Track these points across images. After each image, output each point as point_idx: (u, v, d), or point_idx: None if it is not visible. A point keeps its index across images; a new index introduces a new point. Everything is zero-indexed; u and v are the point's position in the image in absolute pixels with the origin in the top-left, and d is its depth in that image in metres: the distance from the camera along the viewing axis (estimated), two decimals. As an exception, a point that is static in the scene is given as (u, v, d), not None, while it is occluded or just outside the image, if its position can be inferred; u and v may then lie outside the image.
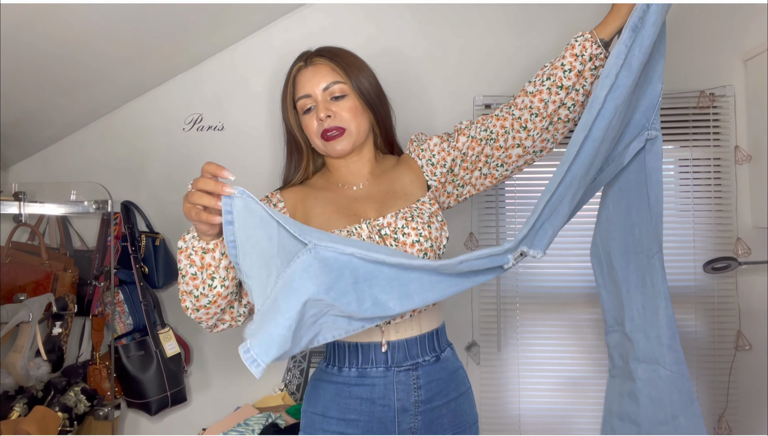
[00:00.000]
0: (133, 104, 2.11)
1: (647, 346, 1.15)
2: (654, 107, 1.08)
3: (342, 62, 1.24)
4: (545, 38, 2.01)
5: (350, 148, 1.23)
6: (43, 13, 1.36)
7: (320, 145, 1.24)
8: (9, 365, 1.68)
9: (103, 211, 1.96)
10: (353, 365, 1.20)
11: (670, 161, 2.03)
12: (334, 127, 1.21)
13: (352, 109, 1.23)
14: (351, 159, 1.28)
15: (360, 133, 1.24)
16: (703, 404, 1.97)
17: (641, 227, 1.14)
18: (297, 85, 1.25)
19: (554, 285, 2.02)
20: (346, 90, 1.23)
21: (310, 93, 1.23)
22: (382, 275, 0.99)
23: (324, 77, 1.22)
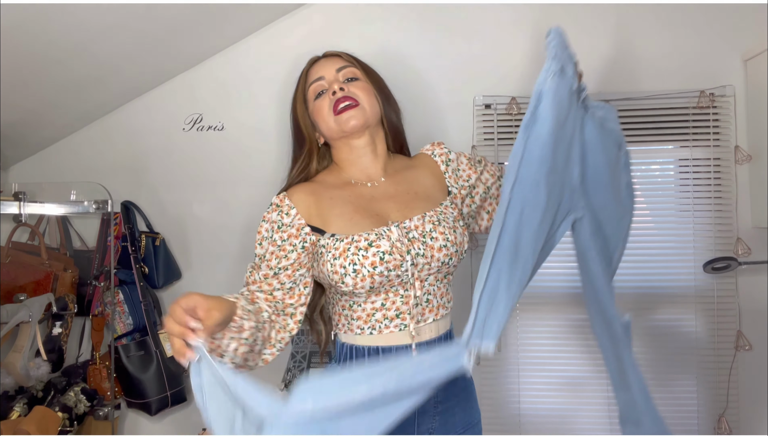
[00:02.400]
0: (133, 104, 2.11)
1: (627, 408, 1.17)
2: (575, 190, 1.08)
3: (354, 58, 1.31)
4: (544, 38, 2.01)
5: (363, 123, 1.21)
6: (43, 13, 1.36)
7: (332, 122, 1.22)
8: (9, 365, 1.68)
9: (103, 211, 1.96)
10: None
11: (670, 161, 2.03)
12: (347, 98, 1.21)
13: (364, 88, 1.24)
14: (363, 151, 1.25)
15: (373, 112, 1.23)
16: (703, 404, 1.97)
17: (590, 303, 1.16)
18: (310, 74, 1.29)
19: (554, 285, 2.01)
20: (358, 74, 1.26)
21: (323, 75, 1.25)
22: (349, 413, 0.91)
23: (337, 62, 1.27)
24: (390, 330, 1.18)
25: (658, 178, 2.06)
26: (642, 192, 2.03)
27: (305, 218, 1.19)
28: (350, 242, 1.15)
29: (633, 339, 1.99)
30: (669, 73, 1.98)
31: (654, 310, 1.99)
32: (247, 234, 2.08)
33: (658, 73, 1.98)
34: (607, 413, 1.99)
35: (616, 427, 1.99)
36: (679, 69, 1.97)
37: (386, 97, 1.30)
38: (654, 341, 1.98)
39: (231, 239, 2.08)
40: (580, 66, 1.14)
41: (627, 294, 1.99)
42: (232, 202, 2.09)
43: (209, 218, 2.09)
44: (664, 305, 1.99)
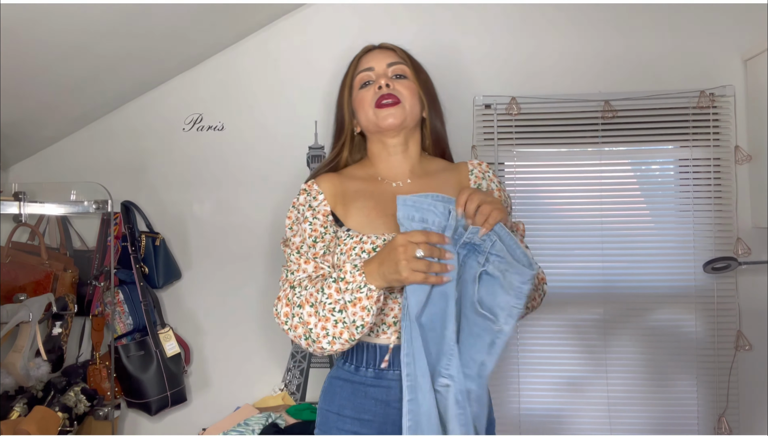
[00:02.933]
0: (133, 104, 2.11)
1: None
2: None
3: (408, 55, 1.29)
4: (545, 38, 2.01)
5: (400, 122, 1.20)
6: (43, 14, 1.36)
7: (371, 114, 1.21)
8: (9, 365, 1.68)
9: (103, 211, 1.96)
10: (370, 365, 1.19)
11: (670, 161, 2.03)
12: (391, 95, 1.20)
13: (410, 88, 1.23)
14: (395, 149, 1.25)
15: (413, 114, 1.23)
16: (703, 404, 1.97)
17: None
18: (361, 61, 1.27)
19: (554, 285, 2.01)
20: (408, 73, 1.24)
21: (373, 66, 1.24)
22: None
23: (391, 57, 1.25)
24: (387, 336, 1.18)
25: (658, 178, 2.06)
26: (642, 192, 2.03)
27: (331, 205, 1.20)
28: (358, 242, 1.15)
29: (633, 339, 2.01)
30: (669, 73, 1.98)
31: (654, 310, 1.99)
32: (247, 234, 2.08)
33: (658, 73, 1.98)
34: (607, 413, 1.99)
35: (616, 427, 1.99)
36: (679, 69, 1.97)
37: (432, 100, 1.29)
38: (654, 341, 1.98)
39: (231, 239, 2.08)
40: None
41: (627, 294, 1.99)
42: (231, 202, 2.09)
43: (209, 218, 2.09)
44: (664, 305, 1.99)
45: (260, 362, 2.07)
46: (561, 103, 1.98)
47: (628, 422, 1.99)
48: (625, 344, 2.00)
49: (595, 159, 2.00)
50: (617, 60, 1.99)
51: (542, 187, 2.04)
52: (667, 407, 1.98)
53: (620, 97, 1.96)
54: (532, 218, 2.03)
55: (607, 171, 2.01)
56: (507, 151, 2.03)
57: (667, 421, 1.98)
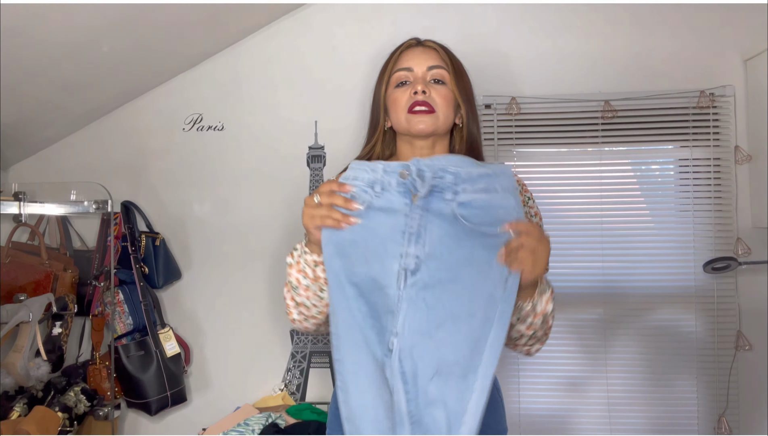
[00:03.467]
0: (133, 104, 2.11)
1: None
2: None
3: (451, 56, 1.25)
4: (545, 38, 2.01)
5: (431, 130, 1.18)
6: (43, 14, 1.36)
7: (403, 119, 1.19)
8: (9, 365, 1.68)
9: (103, 211, 1.96)
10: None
11: (670, 161, 2.03)
12: (425, 103, 1.17)
13: (447, 96, 1.20)
14: (423, 152, 1.22)
15: (445, 123, 1.20)
16: (703, 404, 1.97)
17: None
18: (401, 58, 1.24)
19: (554, 285, 2.01)
20: (447, 78, 1.21)
21: (412, 67, 1.21)
22: None
23: (432, 58, 1.22)
24: None
25: (658, 178, 2.06)
26: (642, 192, 2.03)
27: None
28: None
29: (633, 339, 2.00)
30: (669, 73, 1.98)
31: (654, 310, 1.99)
32: (248, 234, 2.08)
33: (658, 73, 1.98)
34: (607, 413, 1.99)
35: (616, 427, 1.99)
36: (679, 69, 1.97)
37: (470, 105, 1.25)
38: (654, 341, 1.98)
39: (231, 239, 2.08)
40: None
41: (627, 294, 1.99)
42: (232, 202, 2.09)
43: (209, 218, 2.09)
44: (664, 305, 1.99)
45: (260, 362, 2.07)
46: (561, 103, 1.98)
47: (628, 422, 1.99)
48: (625, 344, 2.00)
49: (595, 159, 2.00)
50: (617, 60, 1.99)
51: (542, 187, 2.04)
52: (667, 407, 1.98)
53: (620, 97, 1.96)
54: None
55: (607, 171, 2.00)
56: (507, 151, 2.03)
57: (667, 421, 1.98)
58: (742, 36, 1.95)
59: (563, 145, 2.03)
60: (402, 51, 1.25)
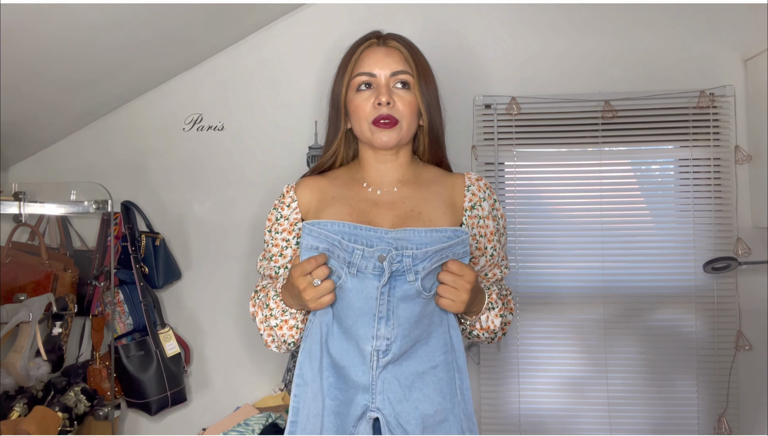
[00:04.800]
0: (133, 104, 2.11)
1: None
2: None
3: (416, 56, 1.18)
4: (545, 38, 2.01)
5: (395, 143, 1.14)
6: (43, 14, 1.36)
7: (366, 129, 1.15)
8: (9, 365, 1.68)
9: (103, 211, 1.96)
10: None
11: (670, 161, 2.03)
12: (388, 117, 1.13)
13: (411, 104, 1.15)
14: (385, 158, 1.18)
15: (408, 132, 1.16)
16: (703, 404, 1.97)
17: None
18: (362, 60, 1.17)
19: (554, 285, 2.02)
20: (412, 83, 1.16)
21: (375, 73, 1.15)
22: None
23: (396, 62, 1.16)
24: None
25: (658, 178, 2.06)
26: (642, 192, 2.03)
27: (303, 213, 1.18)
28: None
29: (633, 339, 2.00)
30: (669, 73, 1.98)
31: (654, 310, 1.99)
32: (248, 234, 2.08)
33: (658, 73, 1.98)
34: (607, 413, 1.99)
35: (616, 427, 1.99)
36: (679, 69, 1.97)
37: (434, 108, 1.20)
38: (654, 341, 1.98)
39: (231, 239, 2.08)
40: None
41: (627, 294, 1.99)
42: (231, 202, 2.09)
43: (209, 218, 2.09)
44: (664, 305, 1.99)
45: (260, 362, 2.07)
46: (561, 103, 1.98)
47: (628, 422, 1.99)
48: (625, 344, 2.00)
49: (595, 159, 2.00)
50: (617, 60, 1.99)
51: (542, 188, 2.04)
52: (667, 407, 1.98)
53: (620, 97, 1.96)
54: (532, 218, 2.03)
55: (607, 171, 2.01)
56: (507, 151, 2.03)
57: (667, 421, 1.98)
58: (742, 36, 1.95)
59: (563, 145, 2.03)
60: (363, 50, 1.18)
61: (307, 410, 1.04)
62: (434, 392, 1.02)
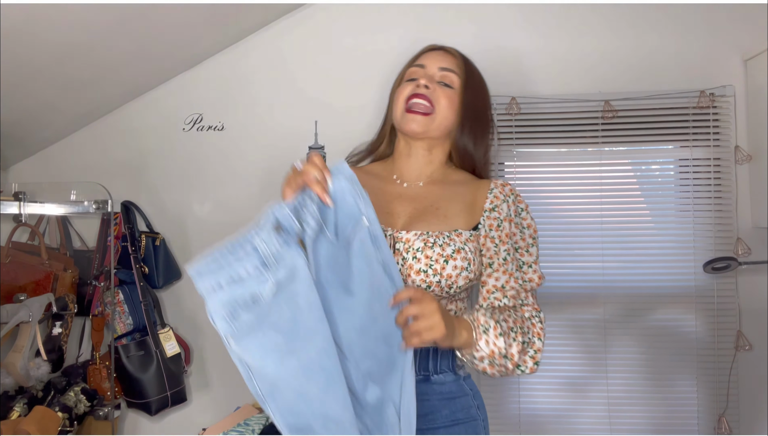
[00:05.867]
0: (133, 104, 2.11)
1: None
2: None
3: (470, 67, 1.23)
4: (544, 38, 2.01)
5: (422, 131, 1.15)
6: (43, 14, 1.36)
7: (399, 114, 1.17)
8: (9, 365, 1.68)
9: (103, 211, 1.96)
10: None
11: (670, 161, 2.03)
12: (425, 97, 1.14)
13: (451, 99, 1.17)
14: (417, 152, 1.20)
15: (441, 126, 1.17)
16: (703, 404, 1.97)
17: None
18: (420, 57, 1.23)
19: (554, 285, 2.01)
20: (457, 85, 1.19)
21: (425, 65, 1.20)
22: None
23: (447, 61, 1.21)
24: None
25: (658, 178, 2.06)
26: (642, 192, 2.03)
27: None
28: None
29: (633, 339, 2.00)
30: (669, 73, 1.98)
31: (654, 310, 1.99)
32: (247, 234, 2.08)
33: (658, 73, 1.98)
34: (607, 413, 1.99)
35: (616, 427, 1.99)
36: (679, 69, 1.97)
37: (468, 119, 1.20)
38: (654, 341, 1.98)
39: (231, 239, 2.08)
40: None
41: (627, 294, 1.99)
42: (232, 202, 2.09)
43: (209, 218, 2.09)
44: (664, 305, 1.99)
45: (260, 362, 2.07)
46: (561, 103, 1.98)
47: (628, 422, 1.99)
48: (625, 344, 2.00)
49: (595, 159, 2.00)
50: (617, 60, 1.99)
51: (542, 187, 2.04)
52: (667, 407, 1.98)
53: (620, 97, 1.96)
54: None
55: (607, 171, 2.01)
56: (507, 151, 2.03)
57: (667, 421, 1.98)
58: (742, 36, 1.95)
59: (563, 145, 2.03)
60: (423, 52, 1.25)
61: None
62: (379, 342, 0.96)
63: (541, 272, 1.17)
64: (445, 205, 1.16)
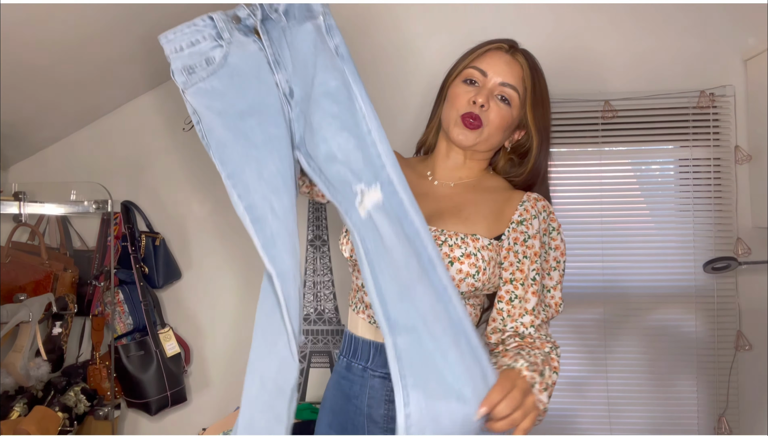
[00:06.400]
0: (133, 104, 2.11)
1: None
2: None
3: (536, 79, 1.17)
4: (544, 38, 2.01)
5: (469, 145, 1.14)
6: (43, 13, 1.36)
7: (452, 121, 1.14)
8: (9, 365, 1.68)
9: (103, 211, 1.96)
10: (346, 354, 1.19)
11: (670, 161, 2.03)
12: (477, 118, 1.11)
13: (505, 119, 1.13)
14: (455, 156, 1.19)
15: (488, 141, 1.15)
16: (703, 404, 1.97)
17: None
18: (483, 57, 1.17)
19: (554, 285, 2.01)
20: (516, 101, 1.14)
21: (488, 73, 1.14)
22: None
23: (512, 75, 1.14)
24: (363, 318, 1.17)
25: (658, 178, 2.06)
26: (642, 192, 2.03)
27: None
28: None
29: (633, 339, 2.00)
30: (669, 73, 1.98)
31: (654, 310, 1.99)
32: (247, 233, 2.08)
33: (658, 73, 1.98)
34: (607, 413, 1.99)
35: (616, 427, 1.99)
36: (679, 69, 1.97)
37: (543, 137, 1.16)
38: (654, 341, 1.98)
39: (231, 239, 2.08)
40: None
41: (627, 294, 1.99)
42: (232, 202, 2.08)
43: (209, 217, 2.09)
44: (664, 305, 1.99)
45: (260, 362, 2.07)
46: (561, 103, 1.98)
47: (628, 422, 1.99)
48: (625, 344, 2.00)
49: (595, 159, 2.00)
50: (617, 60, 1.99)
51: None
52: (667, 407, 1.98)
53: (620, 97, 1.96)
54: (532, 218, 2.03)
55: (607, 171, 2.01)
56: (507, 151, 2.03)
57: (667, 421, 1.98)
58: (742, 36, 1.95)
59: (563, 145, 2.03)
60: (489, 50, 1.17)
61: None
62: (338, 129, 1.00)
63: (559, 298, 1.16)
64: (469, 208, 1.14)
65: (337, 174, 1.00)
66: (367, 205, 0.96)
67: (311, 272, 2.07)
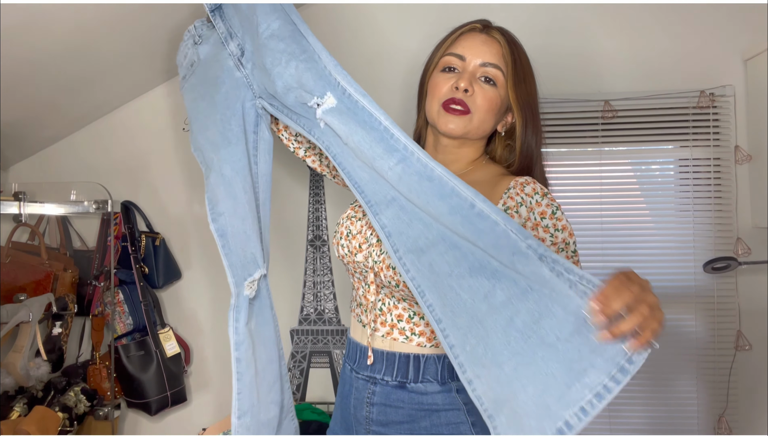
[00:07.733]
0: (133, 104, 2.11)
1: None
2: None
3: (516, 54, 1.10)
4: (544, 38, 2.01)
5: (460, 133, 1.07)
6: (43, 13, 1.36)
7: (435, 112, 1.08)
8: (9, 365, 1.68)
9: (103, 211, 1.96)
10: (345, 355, 1.22)
11: (670, 161, 2.03)
12: (462, 103, 1.05)
13: (492, 100, 1.06)
14: (446, 149, 1.12)
15: (480, 127, 1.08)
16: (703, 404, 1.97)
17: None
18: (458, 42, 1.11)
19: (554, 285, 2.01)
20: (501, 80, 1.07)
21: (466, 56, 1.08)
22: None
23: (491, 53, 1.08)
24: (354, 317, 1.19)
25: (658, 178, 2.06)
26: (642, 192, 2.03)
27: None
28: (349, 207, 1.18)
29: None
30: (669, 73, 1.98)
31: (654, 310, 1.99)
32: (247, 234, 2.08)
33: (658, 73, 1.98)
34: (607, 413, 1.99)
35: (616, 427, 1.99)
36: (679, 69, 1.97)
37: (528, 114, 1.09)
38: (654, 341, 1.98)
39: (231, 239, 2.08)
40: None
41: (627, 294, 1.99)
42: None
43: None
44: (664, 305, 1.94)
45: (260, 362, 2.07)
46: (561, 103, 1.98)
47: (627, 422, 1.99)
48: (625, 344, 1.99)
49: (595, 159, 2.00)
50: (617, 60, 1.99)
51: (542, 187, 2.04)
52: (667, 407, 1.98)
53: (620, 97, 1.96)
54: (532, 218, 2.03)
55: (607, 171, 2.01)
56: (507, 151, 2.03)
57: (667, 421, 1.98)
58: (742, 36, 1.95)
59: (563, 145, 2.03)
60: (462, 33, 1.13)
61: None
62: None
63: None
64: None
65: (296, 100, 1.09)
66: (321, 115, 1.04)
67: (311, 272, 2.07)
